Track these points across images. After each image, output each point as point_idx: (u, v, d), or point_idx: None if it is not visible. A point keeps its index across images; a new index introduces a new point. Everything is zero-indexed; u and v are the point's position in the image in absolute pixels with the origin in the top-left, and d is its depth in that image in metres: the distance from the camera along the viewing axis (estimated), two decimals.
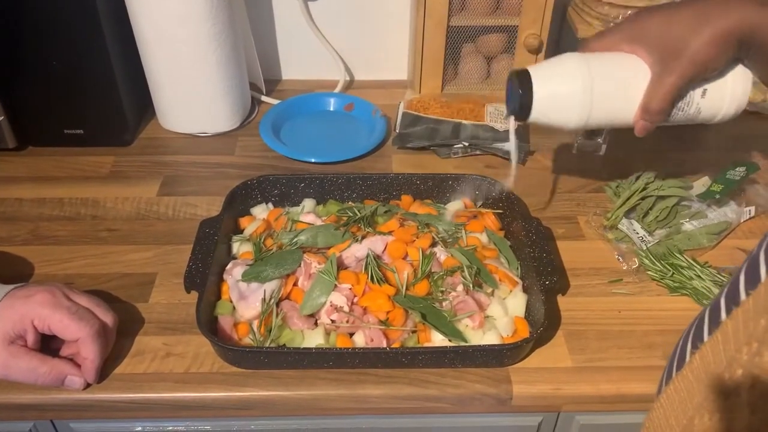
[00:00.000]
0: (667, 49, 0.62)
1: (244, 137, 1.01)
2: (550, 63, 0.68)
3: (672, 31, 0.61)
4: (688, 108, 0.68)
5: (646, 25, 0.64)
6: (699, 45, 0.60)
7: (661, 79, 0.62)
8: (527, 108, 0.67)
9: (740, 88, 0.67)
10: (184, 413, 0.67)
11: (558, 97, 0.67)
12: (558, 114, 0.68)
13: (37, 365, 0.62)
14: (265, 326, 0.69)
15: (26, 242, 0.82)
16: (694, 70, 0.61)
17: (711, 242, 0.82)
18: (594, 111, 0.67)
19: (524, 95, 0.67)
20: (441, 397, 0.66)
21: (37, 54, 0.88)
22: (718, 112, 0.69)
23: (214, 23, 0.90)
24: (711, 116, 0.69)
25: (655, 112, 0.65)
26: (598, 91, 0.66)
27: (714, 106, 0.68)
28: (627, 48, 0.65)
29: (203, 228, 0.77)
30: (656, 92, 0.63)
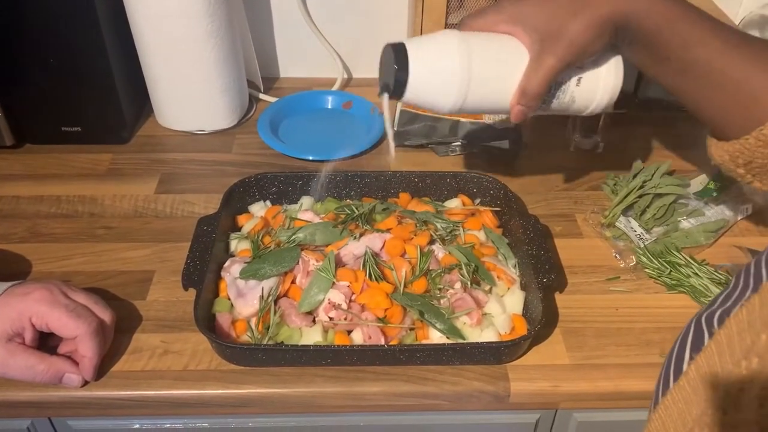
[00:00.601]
0: (546, 32, 0.61)
1: (242, 135, 1.01)
2: (429, 39, 0.64)
3: (551, 14, 0.61)
4: (563, 96, 0.66)
5: (527, 6, 0.63)
6: (577, 28, 0.60)
7: (540, 61, 0.62)
8: (402, 85, 0.62)
9: (613, 79, 0.67)
10: (182, 411, 0.67)
11: (435, 76, 0.63)
12: (434, 94, 0.64)
13: (34, 363, 0.62)
14: (263, 324, 0.69)
15: (24, 240, 0.82)
16: (572, 53, 0.61)
17: (708, 240, 0.82)
18: (471, 93, 0.63)
19: (399, 71, 0.62)
20: (439, 394, 0.66)
21: (35, 52, 0.88)
22: (591, 102, 0.68)
23: (212, 21, 0.90)
24: (584, 106, 0.68)
25: (532, 96, 0.63)
26: (476, 72, 0.63)
27: (588, 95, 0.67)
28: (506, 28, 0.64)
29: (201, 225, 0.77)
30: (534, 75, 0.62)
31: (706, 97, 0.62)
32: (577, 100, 0.67)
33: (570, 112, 0.70)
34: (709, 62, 0.60)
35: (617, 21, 0.60)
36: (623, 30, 0.61)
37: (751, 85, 0.59)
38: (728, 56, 0.59)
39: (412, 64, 0.62)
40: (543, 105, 0.67)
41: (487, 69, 0.63)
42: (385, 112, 0.67)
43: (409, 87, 0.63)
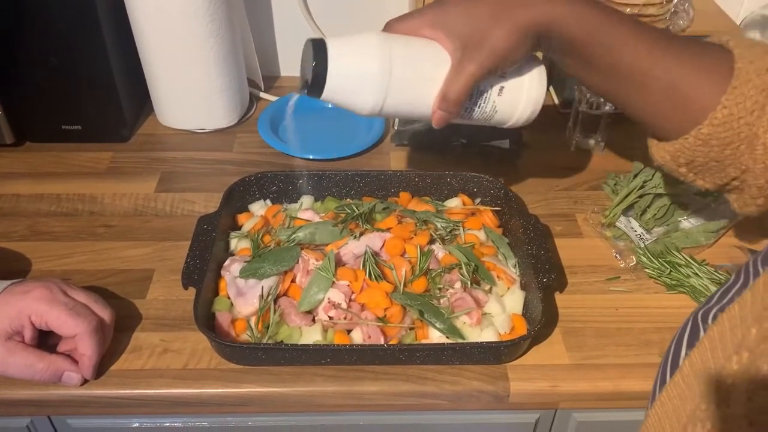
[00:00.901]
0: (468, 38, 0.61)
1: (243, 134, 1.01)
2: (351, 38, 0.63)
3: (474, 20, 0.61)
4: (485, 104, 0.66)
5: (450, 12, 0.62)
6: (499, 35, 0.59)
7: (461, 67, 0.61)
8: (320, 82, 0.61)
9: (536, 92, 0.66)
10: (182, 409, 0.67)
11: (354, 77, 0.62)
12: (352, 95, 0.63)
13: (34, 361, 0.62)
14: (262, 323, 0.69)
15: (24, 238, 0.82)
16: (493, 59, 0.61)
17: (709, 240, 0.82)
18: (390, 97, 0.63)
19: (318, 67, 0.60)
20: (438, 393, 0.66)
21: (35, 50, 0.88)
22: (513, 114, 0.67)
23: (212, 19, 0.90)
24: (507, 117, 0.68)
25: (452, 102, 0.63)
26: (396, 75, 0.62)
27: (510, 106, 0.67)
28: (429, 33, 0.63)
29: (201, 224, 0.77)
30: (455, 80, 0.62)
31: (638, 100, 0.62)
32: (499, 110, 0.67)
33: (492, 122, 0.69)
34: (634, 65, 0.59)
35: (538, 28, 0.59)
36: (545, 38, 0.60)
37: (681, 84, 0.58)
38: (653, 57, 0.59)
39: (331, 62, 0.61)
40: (465, 113, 0.66)
41: (408, 73, 0.62)
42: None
43: (328, 85, 0.62)
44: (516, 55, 0.61)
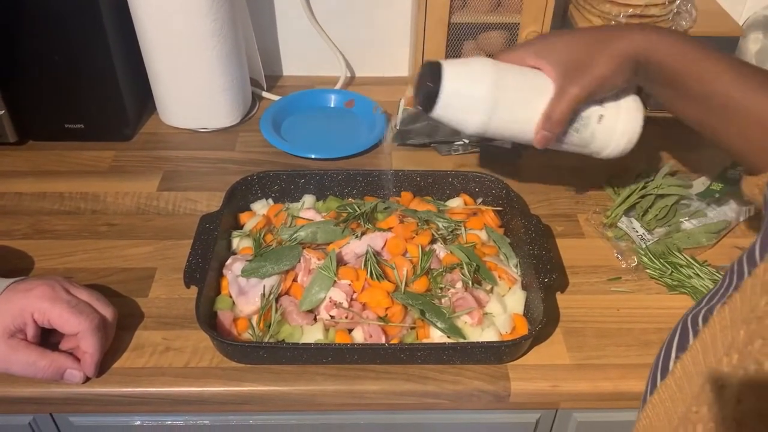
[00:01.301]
0: (570, 65, 0.67)
1: (245, 133, 1.01)
2: (464, 62, 0.69)
3: (575, 49, 0.67)
4: (585, 130, 0.70)
5: (553, 42, 0.69)
6: (600, 61, 0.65)
7: (564, 90, 0.66)
8: (432, 100, 0.67)
9: (632, 123, 0.71)
10: (183, 408, 0.68)
11: (464, 96, 0.67)
12: (461, 113, 0.68)
13: (36, 359, 0.62)
14: (264, 321, 0.69)
15: (26, 236, 0.82)
16: (594, 83, 0.66)
17: (710, 241, 0.82)
18: (496, 117, 0.68)
19: (433, 86, 0.67)
20: (439, 393, 0.66)
21: (38, 48, 0.88)
22: (610, 143, 0.72)
23: (215, 18, 0.90)
24: (603, 145, 0.72)
25: (555, 122, 0.67)
26: (503, 98, 0.67)
27: (607, 134, 0.71)
28: (534, 62, 0.69)
29: (203, 223, 0.77)
30: (559, 102, 0.67)
31: (731, 132, 0.63)
32: (596, 137, 0.71)
33: (589, 150, 0.73)
34: (727, 94, 0.61)
35: (636, 57, 0.64)
36: (642, 67, 0.64)
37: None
38: (748, 90, 0.60)
39: (446, 81, 0.67)
40: (565, 137, 0.70)
41: (514, 96, 0.68)
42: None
43: (440, 103, 0.67)
44: (615, 81, 0.66)
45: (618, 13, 0.93)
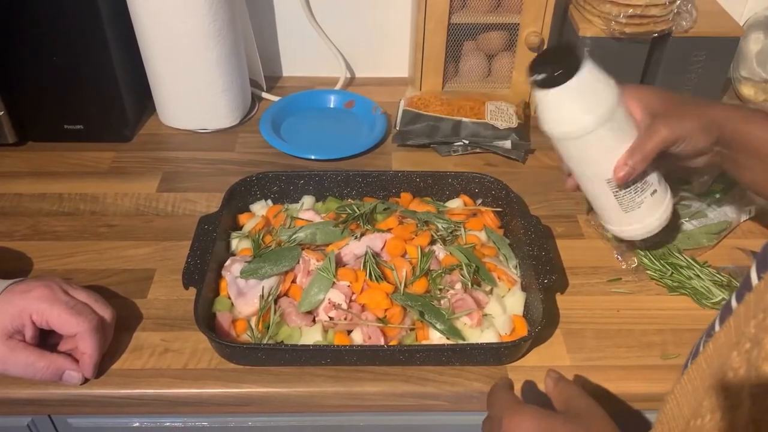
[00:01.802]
0: (662, 110, 0.68)
1: (244, 134, 1.01)
2: (602, 73, 0.67)
3: (669, 99, 0.70)
4: (639, 193, 0.71)
5: (645, 90, 0.71)
6: (691, 115, 0.67)
7: (655, 130, 0.67)
8: (555, 80, 0.65)
9: (666, 216, 0.74)
10: (182, 409, 0.68)
11: (589, 94, 0.66)
12: (576, 106, 0.66)
13: (35, 360, 0.62)
14: (263, 323, 0.69)
15: (25, 237, 0.82)
16: (683, 132, 0.66)
17: (711, 242, 0.82)
18: (597, 132, 0.67)
19: (565, 68, 0.65)
20: (438, 395, 0.66)
21: (38, 49, 0.88)
22: (644, 219, 0.73)
23: (215, 19, 0.90)
24: (639, 218, 0.73)
25: (642, 158, 0.67)
26: (615, 117, 0.67)
27: (648, 211, 0.72)
28: (630, 103, 0.69)
29: (202, 224, 0.77)
30: (649, 139, 0.67)
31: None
32: (641, 206, 0.72)
33: (628, 215, 0.73)
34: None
35: (720, 128, 0.66)
36: (723, 137, 0.66)
37: None
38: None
39: (585, 72, 0.65)
40: (625, 187, 0.70)
41: (620, 122, 0.68)
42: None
43: (567, 86, 0.65)
44: (699, 140, 0.67)
45: (618, 14, 0.93)
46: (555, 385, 0.56)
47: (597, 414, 0.52)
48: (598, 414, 0.52)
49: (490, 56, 1.05)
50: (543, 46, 1.00)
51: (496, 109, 1.00)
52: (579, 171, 0.72)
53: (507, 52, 1.04)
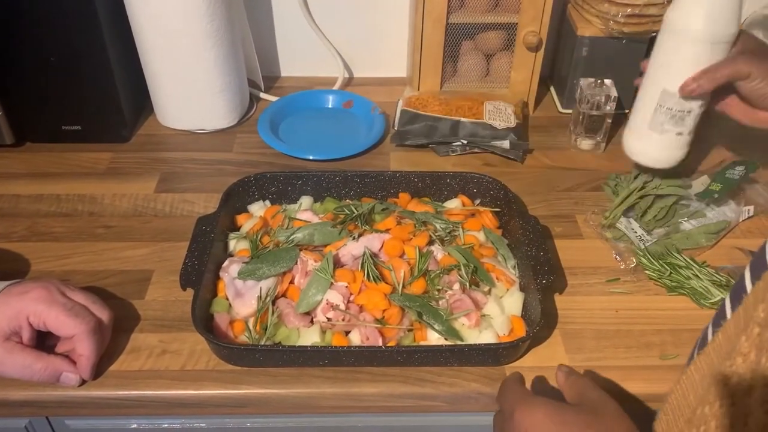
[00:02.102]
0: (751, 49, 0.72)
1: (242, 134, 1.01)
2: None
3: (763, 48, 0.73)
4: (674, 124, 0.76)
5: (751, 41, 0.74)
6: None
7: (733, 60, 0.71)
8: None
9: (660, 160, 0.80)
10: (180, 411, 0.67)
11: (736, 11, 0.70)
12: (724, 12, 0.70)
13: (32, 362, 0.62)
14: (261, 324, 0.69)
15: (23, 238, 0.82)
16: (756, 68, 0.70)
17: (709, 242, 0.82)
18: (703, 45, 0.71)
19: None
20: (437, 395, 0.66)
21: (35, 50, 0.88)
22: (650, 146, 0.79)
23: (212, 20, 0.90)
24: (649, 143, 0.79)
25: (711, 79, 0.71)
26: (722, 46, 0.72)
27: (661, 144, 0.78)
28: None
29: (200, 225, 0.77)
30: (726, 65, 0.71)
31: None
32: (662, 135, 0.77)
33: (642, 134, 0.78)
34: None
35: None
36: None
37: None
38: None
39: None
40: (666, 107, 0.75)
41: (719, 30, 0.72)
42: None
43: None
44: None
45: (617, 13, 0.93)
46: (566, 378, 0.55)
47: (610, 406, 0.51)
48: (611, 406, 0.51)
49: (488, 56, 1.05)
50: (541, 46, 1.00)
51: (495, 108, 1.00)
52: (654, 69, 0.76)
53: (505, 51, 1.03)
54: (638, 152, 0.81)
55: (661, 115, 0.75)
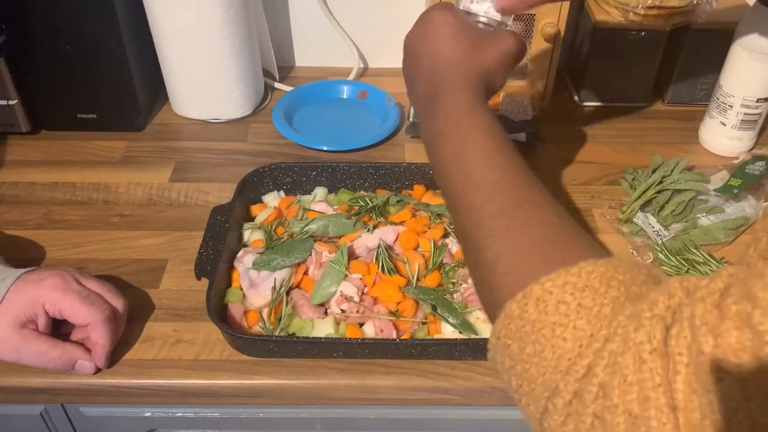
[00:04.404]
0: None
1: (257, 124, 1.01)
2: None
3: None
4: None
5: None
6: None
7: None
8: None
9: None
10: (193, 400, 0.67)
11: None
12: None
13: (47, 349, 0.62)
14: (275, 315, 0.69)
15: (38, 226, 0.82)
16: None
17: (728, 237, 0.81)
18: None
19: None
20: (450, 389, 0.66)
21: (51, 39, 0.88)
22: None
23: (228, 9, 0.90)
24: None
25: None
26: None
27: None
28: None
29: (215, 215, 0.77)
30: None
31: None
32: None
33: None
34: None
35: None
36: None
37: None
38: None
39: None
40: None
41: None
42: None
43: None
44: None
45: (636, 5, 0.91)
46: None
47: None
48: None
49: None
50: (559, 38, 0.99)
51: (511, 101, 0.99)
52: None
53: None
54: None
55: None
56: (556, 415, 0.37)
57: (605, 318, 0.36)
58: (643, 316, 0.34)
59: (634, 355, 0.33)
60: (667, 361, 0.32)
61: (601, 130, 1.00)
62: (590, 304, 0.37)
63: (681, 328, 0.32)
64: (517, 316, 0.39)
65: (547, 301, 0.38)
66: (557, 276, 0.38)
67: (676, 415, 0.31)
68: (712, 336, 0.30)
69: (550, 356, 0.37)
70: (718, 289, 0.32)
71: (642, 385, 0.32)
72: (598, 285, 0.37)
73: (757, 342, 0.29)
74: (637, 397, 0.32)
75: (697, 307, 0.32)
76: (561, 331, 0.37)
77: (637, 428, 0.32)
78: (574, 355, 0.36)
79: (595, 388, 0.34)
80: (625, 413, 0.33)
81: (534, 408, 0.39)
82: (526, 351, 0.38)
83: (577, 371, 0.35)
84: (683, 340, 0.32)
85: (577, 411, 0.35)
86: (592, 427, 0.35)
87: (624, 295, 0.37)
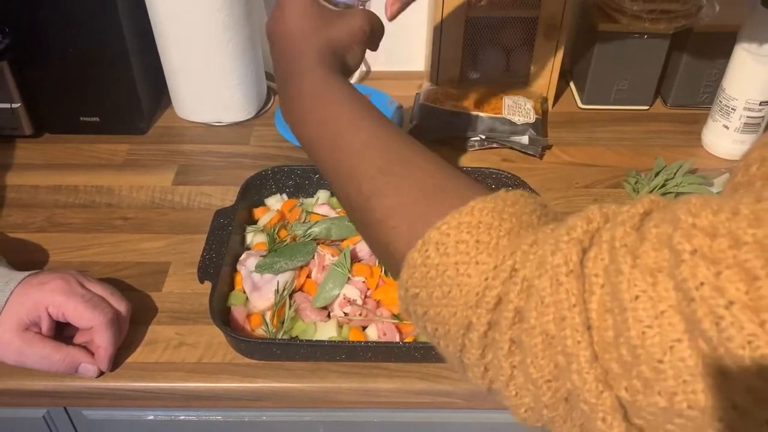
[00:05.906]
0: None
1: (260, 127, 1.01)
2: None
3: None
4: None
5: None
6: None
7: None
8: None
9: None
10: (196, 403, 0.67)
11: None
12: None
13: (51, 352, 0.62)
14: (277, 318, 0.69)
15: (41, 229, 0.82)
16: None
17: None
18: None
19: None
20: (453, 392, 0.66)
21: (54, 41, 0.88)
22: None
23: (230, 12, 0.90)
24: None
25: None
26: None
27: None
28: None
29: (217, 218, 0.77)
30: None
31: None
32: None
33: None
34: None
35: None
36: None
37: None
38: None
39: None
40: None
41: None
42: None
43: None
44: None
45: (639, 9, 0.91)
46: None
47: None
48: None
49: (508, 50, 1.04)
50: (562, 41, 0.99)
51: (514, 103, 0.99)
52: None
53: (525, 46, 1.02)
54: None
55: None
56: (474, 349, 0.37)
57: (505, 249, 0.37)
58: (561, 240, 0.34)
59: (551, 277, 0.33)
60: (583, 283, 0.33)
61: (603, 133, 1.00)
62: (487, 239, 0.38)
63: (599, 250, 0.33)
64: (420, 264, 0.39)
65: (446, 244, 0.38)
66: (451, 218, 0.39)
67: (590, 334, 0.32)
68: (631, 257, 0.31)
69: (458, 294, 0.37)
70: (639, 213, 0.33)
71: (558, 306, 0.33)
72: (491, 220, 0.38)
73: (673, 261, 0.29)
74: (554, 318, 0.33)
75: (617, 230, 0.32)
76: (465, 269, 0.37)
77: (554, 347, 0.33)
78: (482, 288, 0.36)
79: (511, 314, 0.35)
80: (542, 334, 0.33)
81: (453, 347, 0.39)
82: (435, 295, 0.39)
83: (488, 302, 0.36)
84: (600, 262, 0.32)
85: (494, 339, 0.36)
86: (509, 353, 0.36)
87: (517, 225, 0.38)
